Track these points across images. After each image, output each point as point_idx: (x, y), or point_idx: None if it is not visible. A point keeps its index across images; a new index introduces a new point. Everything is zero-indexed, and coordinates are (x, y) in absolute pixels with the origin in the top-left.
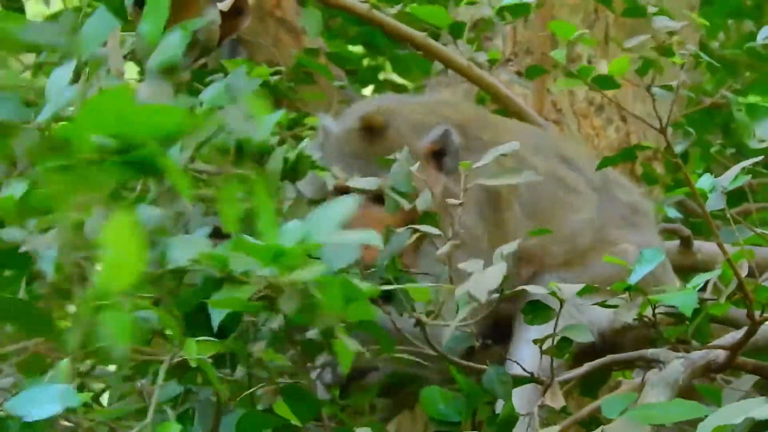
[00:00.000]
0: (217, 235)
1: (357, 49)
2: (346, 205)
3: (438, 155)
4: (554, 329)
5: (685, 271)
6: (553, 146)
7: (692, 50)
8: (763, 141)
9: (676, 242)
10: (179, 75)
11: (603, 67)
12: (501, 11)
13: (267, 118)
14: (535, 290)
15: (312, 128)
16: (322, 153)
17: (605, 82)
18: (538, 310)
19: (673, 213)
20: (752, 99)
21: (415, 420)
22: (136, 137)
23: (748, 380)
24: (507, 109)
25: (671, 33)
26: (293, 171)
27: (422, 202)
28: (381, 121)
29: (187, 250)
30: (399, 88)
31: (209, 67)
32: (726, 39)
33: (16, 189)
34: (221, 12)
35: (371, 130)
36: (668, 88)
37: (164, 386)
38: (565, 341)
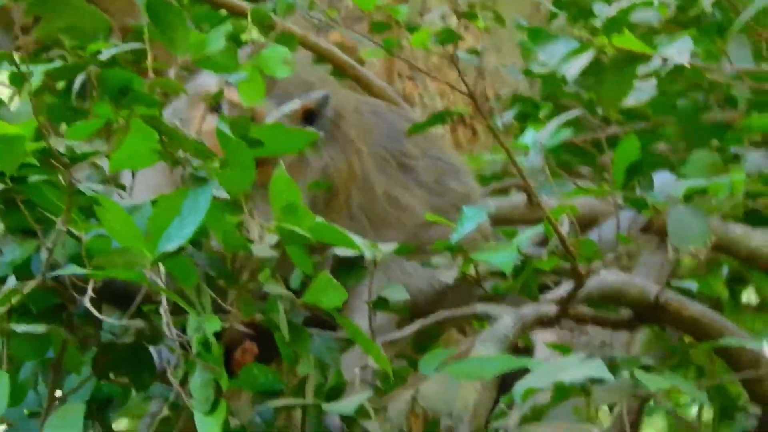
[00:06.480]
0: None
1: None
2: None
3: (308, 119)
4: (369, 289)
5: (533, 225)
6: (397, 150)
7: None
8: (544, 65)
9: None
10: None
11: (453, 21)
12: None
13: None
14: (344, 251)
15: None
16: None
17: (448, 38)
18: (350, 270)
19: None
20: None
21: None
22: None
23: (601, 334)
24: (347, 74)
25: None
26: None
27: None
28: None
29: None
30: None
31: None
32: None
33: None
34: None
35: None
36: (474, 52)
37: None
38: (383, 301)
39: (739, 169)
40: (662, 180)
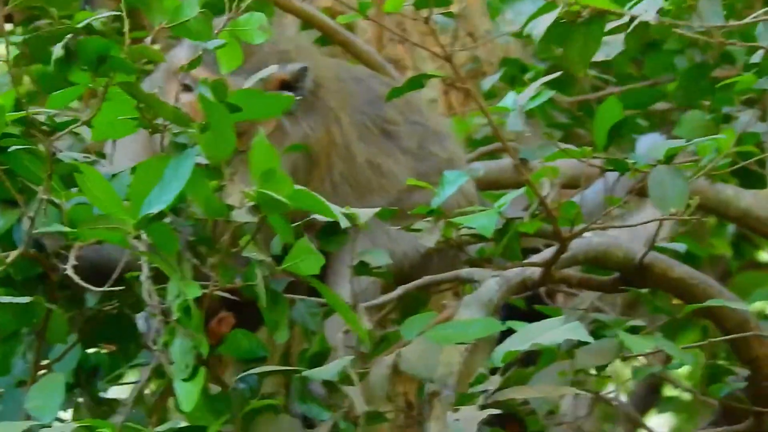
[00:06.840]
0: None
1: None
2: None
3: (286, 89)
4: (352, 254)
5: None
6: (379, 116)
7: None
8: (512, 23)
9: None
10: None
11: None
12: None
13: None
14: (323, 218)
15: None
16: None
17: (424, 3)
18: (332, 236)
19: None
20: None
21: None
22: None
23: (589, 296)
24: (334, 40)
25: None
26: None
27: None
28: None
29: None
30: None
31: None
32: None
33: None
34: None
35: None
36: (449, 15)
37: None
38: (365, 266)
39: (729, 129)
40: (651, 141)
